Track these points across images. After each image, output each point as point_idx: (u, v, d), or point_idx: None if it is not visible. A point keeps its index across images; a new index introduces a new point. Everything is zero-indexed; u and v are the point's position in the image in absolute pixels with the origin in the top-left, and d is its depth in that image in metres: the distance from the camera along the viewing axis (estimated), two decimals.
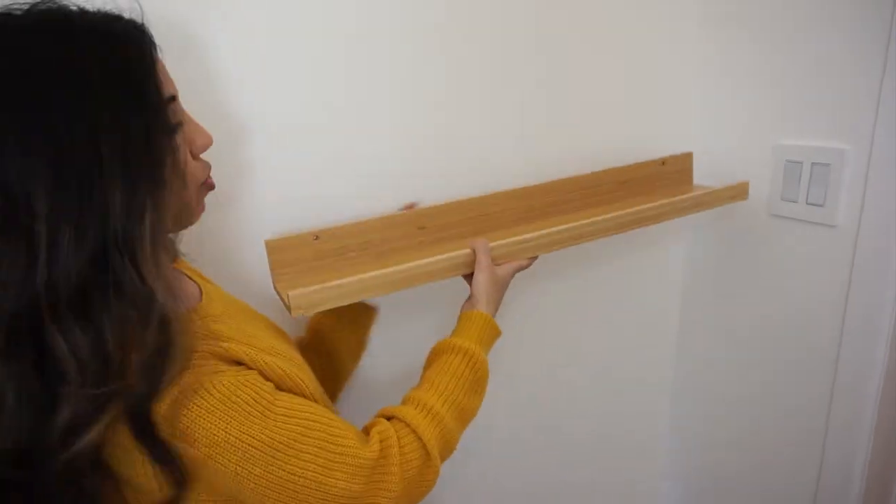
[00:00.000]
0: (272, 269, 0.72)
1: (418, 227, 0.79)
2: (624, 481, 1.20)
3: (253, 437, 0.48)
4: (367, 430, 0.57)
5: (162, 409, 0.46)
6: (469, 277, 0.73)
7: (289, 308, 0.65)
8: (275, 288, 0.72)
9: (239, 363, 0.51)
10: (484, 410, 0.63)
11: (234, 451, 0.47)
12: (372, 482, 0.52)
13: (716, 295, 1.05)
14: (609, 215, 0.81)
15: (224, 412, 0.47)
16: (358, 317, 0.79)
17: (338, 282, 0.68)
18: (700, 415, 1.14)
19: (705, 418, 1.13)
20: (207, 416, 0.46)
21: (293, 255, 0.72)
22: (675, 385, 1.17)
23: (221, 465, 0.47)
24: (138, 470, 0.47)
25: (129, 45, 0.46)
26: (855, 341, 0.85)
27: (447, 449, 0.60)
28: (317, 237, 0.73)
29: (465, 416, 0.63)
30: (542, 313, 0.99)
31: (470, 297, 0.71)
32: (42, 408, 0.42)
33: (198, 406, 0.46)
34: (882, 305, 0.81)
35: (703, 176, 1.00)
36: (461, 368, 0.63)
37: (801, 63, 0.84)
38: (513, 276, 0.75)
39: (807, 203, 0.87)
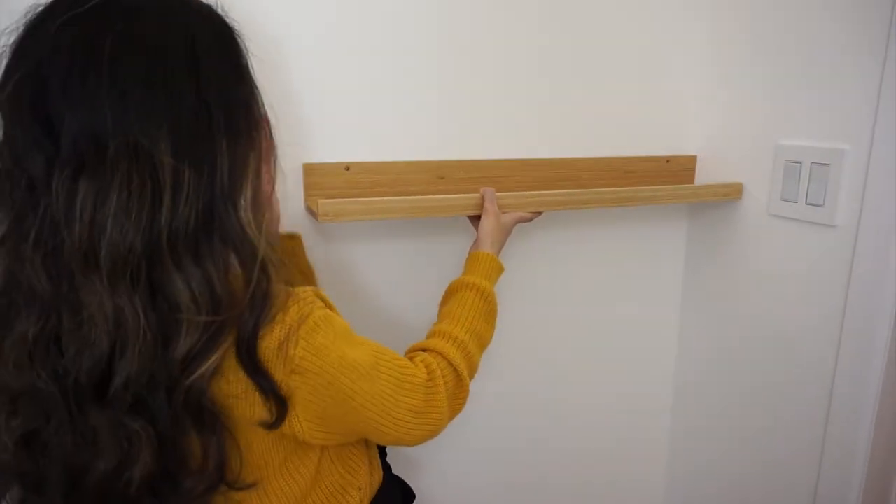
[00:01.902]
0: (305, 189, 0.77)
1: (439, 177, 0.83)
2: (624, 482, 1.14)
3: (358, 360, 0.52)
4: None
5: (275, 341, 0.47)
6: (475, 221, 0.76)
7: (317, 215, 0.69)
8: (306, 204, 0.77)
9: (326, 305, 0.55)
10: (478, 410, 0.64)
11: (351, 370, 0.51)
12: (427, 400, 0.56)
13: (715, 294, 1.02)
14: (610, 189, 0.84)
15: (341, 339, 0.51)
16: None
17: (363, 199, 0.72)
18: (700, 413, 1.08)
19: (705, 416, 1.07)
20: (334, 342, 0.50)
21: (326, 180, 0.77)
22: (676, 384, 1.12)
23: (343, 383, 0.50)
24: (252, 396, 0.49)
25: (227, 25, 0.49)
26: (854, 341, 0.80)
27: (471, 371, 0.64)
28: (348, 168, 0.78)
29: (482, 341, 0.67)
30: (541, 311, 0.99)
31: (476, 240, 0.74)
32: (163, 337, 0.44)
33: (325, 335, 0.50)
34: (881, 305, 0.77)
35: (704, 175, 1.00)
36: (476, 301, 0.67)
37: (801, 63, 0.84)
38: (515, 224, 0.78)
39: (806, 203, 0.85)
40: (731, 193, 0.93)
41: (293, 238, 0.78)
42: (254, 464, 0.52)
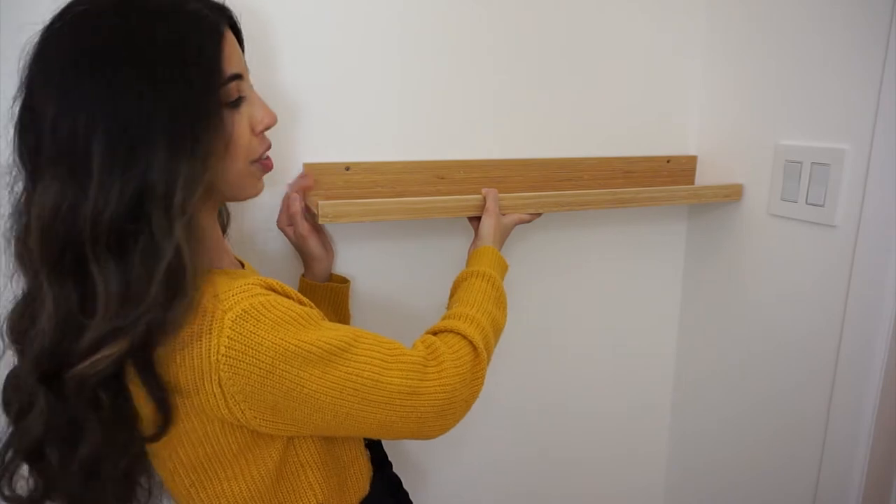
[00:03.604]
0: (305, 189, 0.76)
1: (438, 177, 0.82)
2: (624, 482, 1.12)
3: (310, 343, 0.48)
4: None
5: (224, 336, 0.46)
6: (475, 222, 0.75)
7: (317, 216, 0.68)
8: (305, 204, 0.76)
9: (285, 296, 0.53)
10: (475, 410, 0.60)
11: (294, 357, 0.48)
12: (427, 378, 0.53)
13: (715, 295, 1.01)
14: (610, 190, 0.83)
15: (283, 326, 0.48)
16: (332, 294, 0.78)
17: (363, 200, 0.71)
18: (700, 412, 1.07)
19: (705, 416, 1.06)
20: (269, 330, 0.47)
21: (326, 179, 0.76)
22: (676, 384, 1.11)
23: (284, 371, 0.47)
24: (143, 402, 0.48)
25: (192, 26, 0.47)
26: (854, 341, 0.79)
27: (488, 348, 0.60)
28: (348, 168, 0.77)
29: (496, 325, 0.63)
30: (540, 312, 0.97)
31: (476, 239, 0.73)
32: (73, 328, 0.44)
33: (256, 322, 0.47)
34: (881, 305, 0.76)
35: (704, 175, 0.99)
36: (484, 286, 0.64)
37: (801, 63, 0.83)
38: (514, 225, 0.77)
39: (806, 203, 0.84)
40: (731, 195, 0.92)
41: (344, 282, 0.77)
42: (204, 453, 0.50)
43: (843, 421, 0.81)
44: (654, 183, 0.96)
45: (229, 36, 0.51)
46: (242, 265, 0.63)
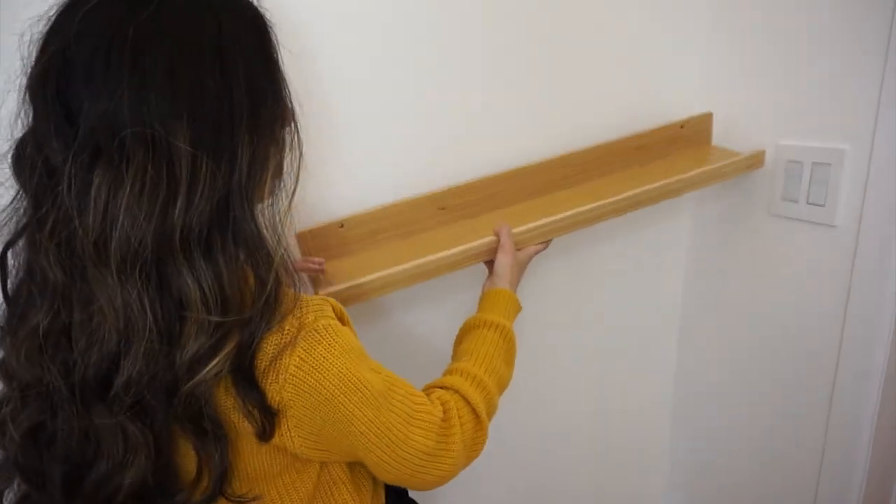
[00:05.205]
0: (302, 256, 0.71)
1: (439, 208, 0.79)
2: (626, 483, 1.15)
3: (368, 381, 0.47)
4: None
5: (271, 350, 0.44)
6: (488, 260, 0.72)
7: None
8: (308, 279, 0.71)
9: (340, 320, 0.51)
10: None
11: (355, 391, 0.46)
12: (440, 441, 0.52)
13: (716, 295, 1.01)
14: (624, 196, 0.75)
15: (347, 355, 0.47)
16: None
17: (358, 281, 0.65)
18: (700, 414, 1.09)
19: (706, 417, 1.08)
20: (338, 357, 0.46)
21: (322, 243, 0.72)
22: (677, 384, 1.12)
23: (342, 403, 0.46)
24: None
25: (258, 16, 0.47)
26: (855, 341, 0.80)
27: (490, 413, 0.60)
28: (342, 225, 0.73)
29: (502, 383, 0.62)
30: (541, 314, 0.96)
31: (491, 277, 0.70)
32: (169, 338, 0.41)
33: (327, 346, 0.45)
34: (882, 305, 0.76)
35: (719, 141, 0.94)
36: (496, 339, 0.62)
37: (801, 63, 0.80)
38: (531, 259, 0.74)
39: (807, 203, 0.84)
40: (754, 164, 0.84)
41: None
42: (245, 475, 0.49)
43: (844, 421, 0.83)
44: (670, 151, 0.89)
45: None
46: None
